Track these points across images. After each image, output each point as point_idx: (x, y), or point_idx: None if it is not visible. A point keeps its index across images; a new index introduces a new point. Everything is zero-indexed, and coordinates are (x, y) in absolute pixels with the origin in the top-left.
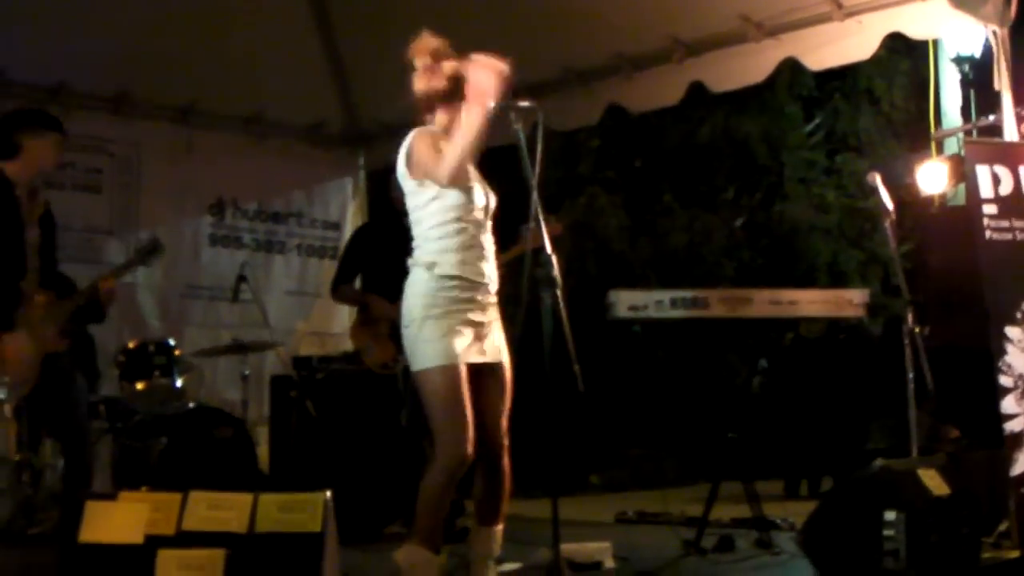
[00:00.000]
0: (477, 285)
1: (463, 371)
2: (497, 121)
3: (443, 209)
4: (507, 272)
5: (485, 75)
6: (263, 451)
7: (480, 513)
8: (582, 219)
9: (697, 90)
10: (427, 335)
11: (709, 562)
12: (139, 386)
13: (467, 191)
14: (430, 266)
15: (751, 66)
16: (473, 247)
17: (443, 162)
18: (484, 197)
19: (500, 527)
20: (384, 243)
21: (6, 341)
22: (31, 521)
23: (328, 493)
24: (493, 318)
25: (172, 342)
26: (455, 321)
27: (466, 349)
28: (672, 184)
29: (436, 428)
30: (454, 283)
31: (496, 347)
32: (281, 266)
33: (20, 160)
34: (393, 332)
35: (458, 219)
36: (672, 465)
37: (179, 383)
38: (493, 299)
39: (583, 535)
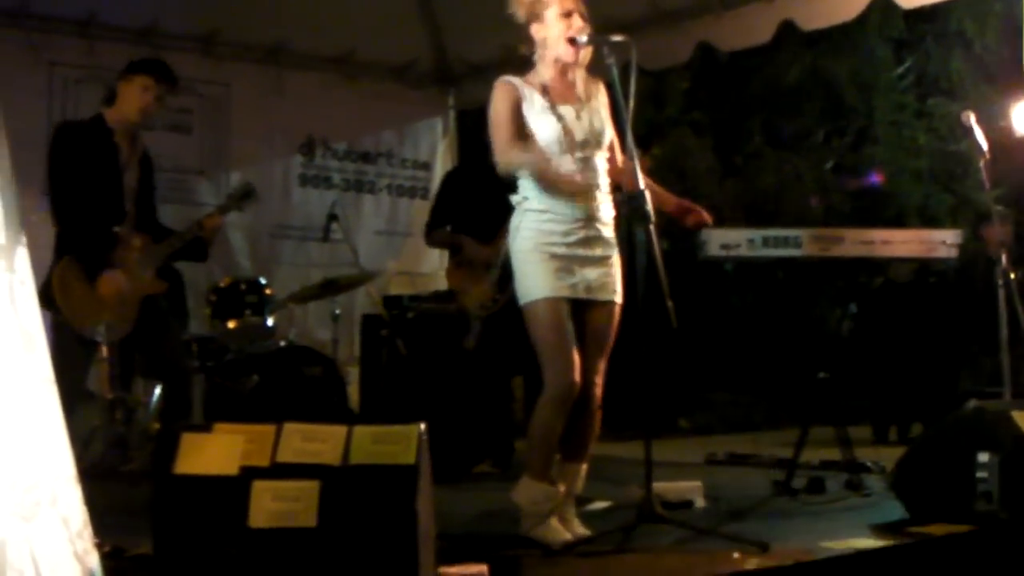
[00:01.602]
0: (573, 219)
1: (564, 304)
2: (590, 56)
3: (532, 149)
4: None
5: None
6: (353, 390)
7: (566, 449)
8: (671, 161)
9: (787, 29)
10: (526, 269)
11: (799, 502)
12: (230, 324)
13: (554, 130)
14: (522, 201)
15: (842, 3)
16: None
17: (502, 154)
18: (584, 130)
19: (584, 465)
20: (475, 185)
21: (102, 279)
22: (124, 458)
23: (422, 425)
24: (600, 255)
25: (263, 281)
26: (552, 255)
27: (566, 283)
28: (761, 126)
29: (542, 360)
30: (545, 217)
31: (602, 284)
32: (371, 206)
33: (118, 106)
34: (488, 273)
35: (548, 157)
36: (761, 409)
37: (270, 322)
38: (598, 234)
39: (674, 475)
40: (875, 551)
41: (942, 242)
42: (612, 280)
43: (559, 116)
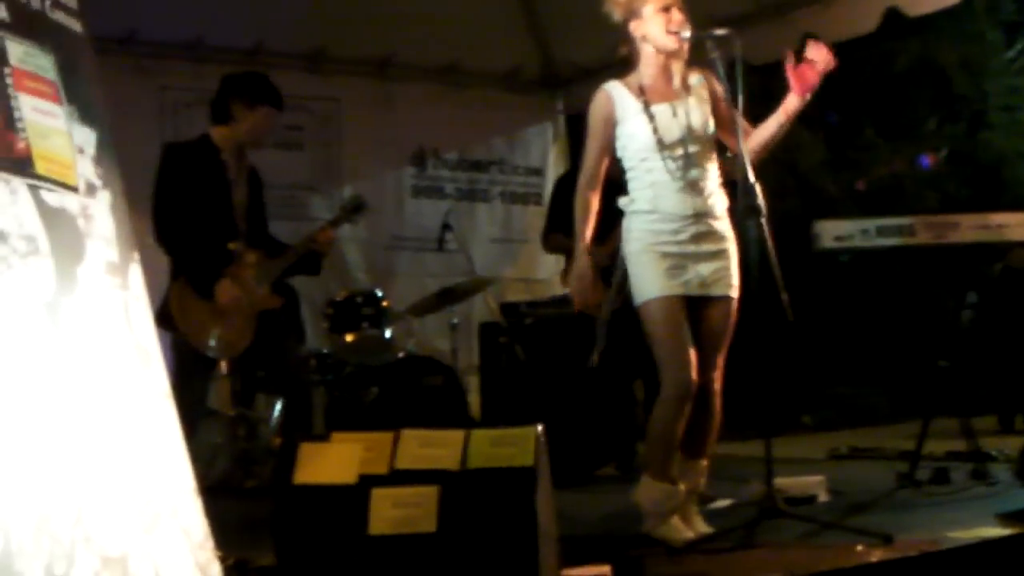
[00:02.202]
0: (681, 217)
1: (678, 301)
2: (694, 51)
3: (635, 148)
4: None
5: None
6: (474, 399)
7: (687, 446)
8: (783, 156)
9: (893, 16)
10: (638, 270)
11: (924, 494)
12: (348, 338)
13: (647, 132)
14: (628, 204)
15: None
16: (667, 181)
17: (579, 194)
18: (682, 127)
19: (706, 461)
20: None
21: (219, 288)
22: (247, 474)
23: (540, 427)
24: (713, 249)
25: (380, 293)
26: (663, 254)
27: (679, 281)
28: (872, 117)
29: (658, 360)
30: (652, 217)
31: (717, 280)
32: (485, 214)
33: (230, 127)
34: (604, 275)
35: (643, 159)
36: (884, 402)
37: (388, 334)
38: (709, 228)
39: (796, 471)
40: (1002, 539)
41: None
42: (728, 275)
43: (651, 116)
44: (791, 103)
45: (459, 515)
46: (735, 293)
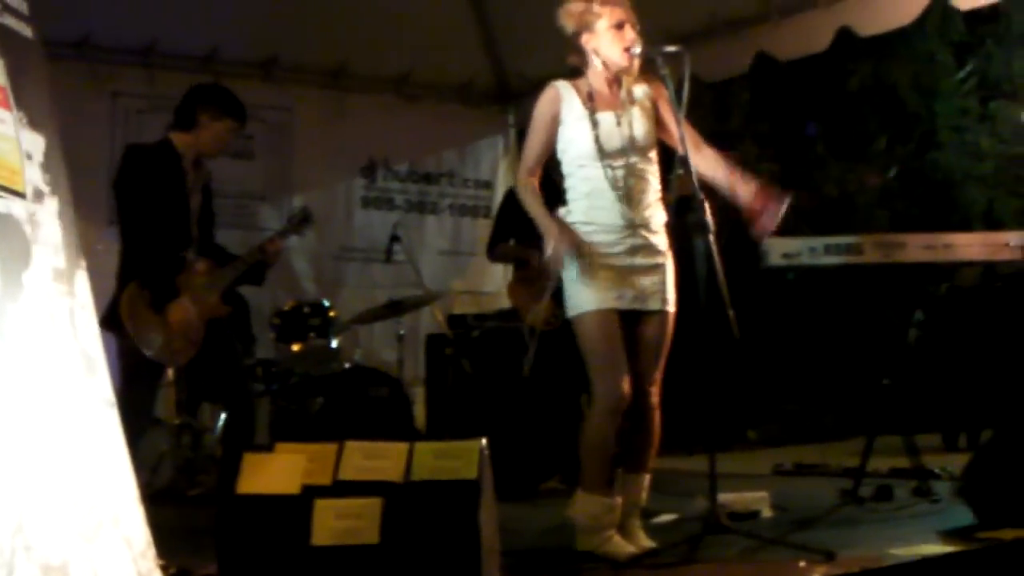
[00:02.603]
0: (617, 228)
1: (613, 315)
2: (646, 68)
3: (574, 153)
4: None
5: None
6: (419, 410)
7: (627, 461)
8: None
9: (845, 36)
10: (574, 283)
11: (867, 510)
12: (295, 348)
13: (589, 139)
14: (566, 214)
15: (899, 7)
16: (604, 191)
17: (519, 182)
18: (624, 137)
19: (647, 476)
20: None
21: (173, 308)
22: (191, 482)
23: (484, 440)
24: (650, 263)
25: (327, 303)
26: (597, 267)
27: (614, 294)
28: (823, 135)
29: (592, 372)
30: (588, 229)
31: (653, 294)
32: (434, 226)
33: (193, 135)
34: (551, 288)
35: (581, 166)
36: (828, 419)
37: (335, 344)
38: (645, 241)
39: (740, 487)
40: (944, 557)
41: (1006, 244)
42: (664, 288)
43: (595, 123)
44: (743, 199)
45: (402, 527)
46: (671, 308)
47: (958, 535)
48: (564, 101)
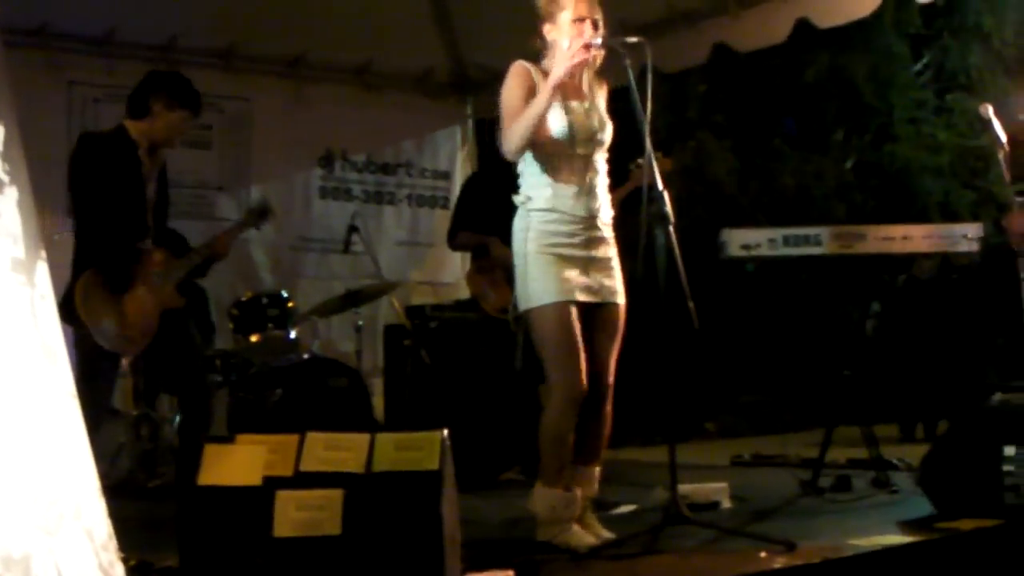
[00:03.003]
0: (578, 219)
1: (572, 308)
2: (606, 59)
3: (540, 142)
4: (619, 212)
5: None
6: (378, 401)
7: (579, 453)
8: (692, 164)
9: (803, 28)
10: (533, 273)
11: (826, 501)
12: (253, 339)
13: (562, 125)
14: (525, 201)
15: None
16: (570, 182)
17: (507, 140)
18: (589, 130)
19: (598, 467)
20: (495, 188)
21: (126, 299)
22: (151, 474)
23: (445, 431)
24: (605, 255)
25: (285, 294)
26: (559, 256)
27: (573, 286)
28: (781, 127)
29: (548, 365)
30: (551, 217)
31: (607, 286)
32: (392, 217)
33: (146, 123)
34: (509, 276)
35: (550, 153)
36: (788, 410)
37: (293, 335)
38: (602, 234)
39: (700, 477)
40: (903, 547)
41: (963, 236)
42: (615, 282)
43: (568, 109)
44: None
45: (364, 518)
46: (622, 300)
47: (917, 525)
48: (536, 81)
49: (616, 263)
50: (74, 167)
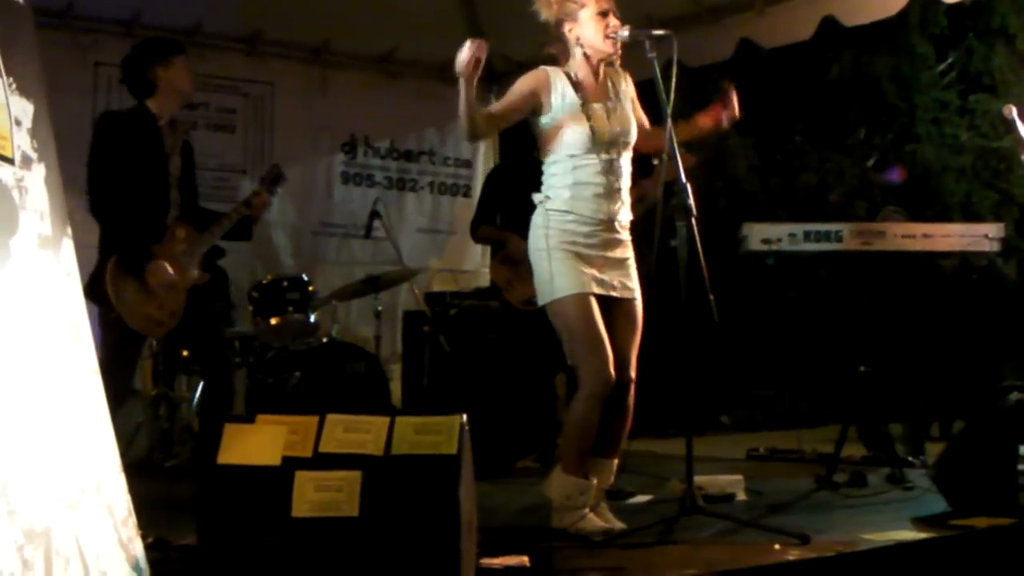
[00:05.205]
0: (596, 222)
1: (592, 300)
2: (632, 51)
3: (564, 145)
4: (640, 208)
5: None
6: (396, 387)
7: (599, 446)
8: (713, 159)
9: (829, 26)
10: (553, 268)
11: (841, 496)
12: (273, 322)
13: (583, 129)
14: (544, 200)
15: None
16: (589, 184)
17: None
18: (613, 131)
19: (616, 460)
20: (518, 181)
21: (149, 269)
22: (167, 453)
23: (464, 416)
24: (620, 257)
25: (306, 278)
26: (574, 254)
27: (590, 279)
28: (803, 124)
29: (576, 357)
30: (568, 218)
31: (624, 284)
32: (413, 204)
33: (160, 94)
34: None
35: (571, 156)
36: (804, 405)
37: (313, 319)
38: (618, 237)
39: (715, 470)
40: (917, 543)
41: (984, 235)
42: (631, 281)
43: (589, 115)
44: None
45: (381, 501)
46: (639, 295)
47: (931, 522)
48: (554, 88)
49: (633, 264)
50: (95, 145)
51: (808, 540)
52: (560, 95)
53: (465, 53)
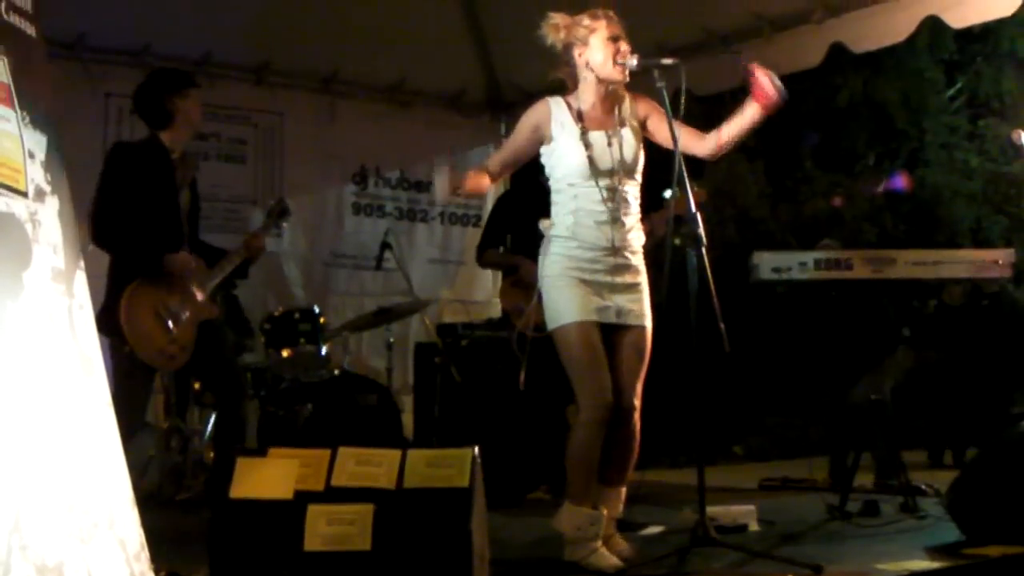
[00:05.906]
0: (599, 248)
1: (594, 327)
2: (641, 80)
3: (564, 171)
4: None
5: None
6: (408, 418)
7: (605, 474)
8: (723, 186)
9: (837, 52)
10: (555, 295)
11: (854, 525)
12: (285, 353)
13: (586, 157)
14: (549, 227)
15: (892, 25)
16: (591, 211)
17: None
18: (614, 159)
19: (624, 489)
20: (527, 207)
21: (170, 259)
22: (179, 486)
23: (476, 449)
24: (629, 282)
25: (317, 310)
26: (578, 280)
27: (593, 307)
28: (812, 150)
29: (575, 383)
30: (571, 244)
31: (632, 310)
32: (424, 234)
33: (175, 125)
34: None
35: (571, 184)
36: (816, 433)
37: (324, 350)
38: (626, 262)
39: (727, 500)
40: (930, 572)
41: (995, 262)
42: (641, 307)
43: (587, 144)
44: (754, 113)
45: (394, 534)
46: (648, 323)
47: (945, 551)
48: (554, 118)
49: (644, 288)
50: (106, 173)
51: (821, 571)
52: (560, 124)
53: (439, 194)
